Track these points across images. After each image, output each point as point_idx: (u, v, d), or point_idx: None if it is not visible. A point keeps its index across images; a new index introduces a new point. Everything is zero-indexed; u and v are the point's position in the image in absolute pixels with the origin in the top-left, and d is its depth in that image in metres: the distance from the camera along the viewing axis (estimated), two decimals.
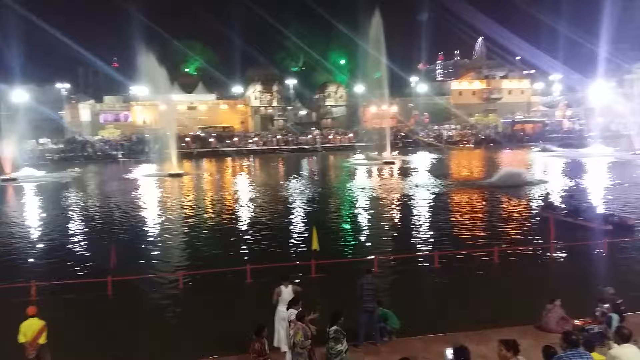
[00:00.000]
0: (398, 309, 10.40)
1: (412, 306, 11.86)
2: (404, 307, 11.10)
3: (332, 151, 68.25)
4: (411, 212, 24.66)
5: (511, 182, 30.51)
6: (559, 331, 7.89)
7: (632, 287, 12.24)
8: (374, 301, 9.90)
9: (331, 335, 7.84)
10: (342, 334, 7.81)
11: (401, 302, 11.82)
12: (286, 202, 28.49)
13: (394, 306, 10.52)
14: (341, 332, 7.85)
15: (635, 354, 6.34)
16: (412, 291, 13.53)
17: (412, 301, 12.52)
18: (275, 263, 14.74)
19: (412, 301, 12.52)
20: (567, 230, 17.98)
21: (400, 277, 14.57)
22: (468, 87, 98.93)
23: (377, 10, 50.80)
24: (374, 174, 41.88)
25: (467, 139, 73.92)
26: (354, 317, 9.53)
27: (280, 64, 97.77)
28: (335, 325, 7.90)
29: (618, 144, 54.40)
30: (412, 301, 12.52)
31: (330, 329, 7.92)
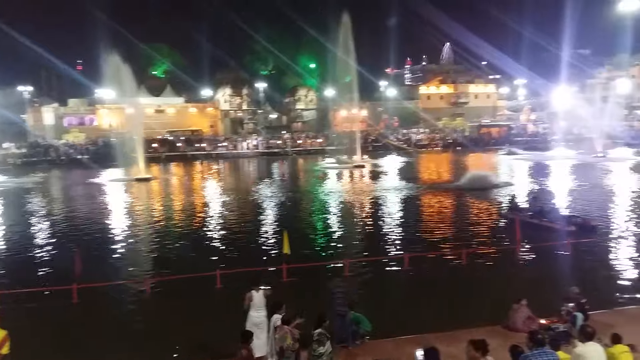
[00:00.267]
0: (369, 311, 10.43)
1: (383, 308, 11.93)
2: (375, 309, 11.16)
3: (303, 155, 68.26)
4: (381, 214, 24.84)
5: (478, 184, 31.09)
6: (526, 330, 8.06)
7: (595, 286, 12.63)
8: (345, 305, 9.95)
9: (315, 337, 7.88)
10: (326, 337, 7.88)
11: (372, 305, 11.87)
12: (256, 206, 28.32)
13: (365, 308, 10.55)
14: (325, 334, 7.91)
15: (598, 352, 6.54)
16: (382, 293, 13.60)
17: (383, 303, 12.59)
18: (246, 268, 14.59)
19: (383, 303, 12.59)
20: (533, 231, 18.39)
21: (371, 279, 14.65)
22: (436, 91, 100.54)
23: (346, 14, 51.21)
24: (345, 178, 42.06)
25: (435, 143, 75.12)
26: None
27: (250, 67, 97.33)
28: (320, 328, 7.98)
29: (580, 147, 56.12)
30: (383, 303, 12.59)
31: (314, 332, 7.99)
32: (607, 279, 13.84)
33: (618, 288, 13.21)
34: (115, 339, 10.97)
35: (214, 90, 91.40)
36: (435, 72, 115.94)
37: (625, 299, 12.29)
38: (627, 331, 8.58)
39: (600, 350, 6.61)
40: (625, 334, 7.81)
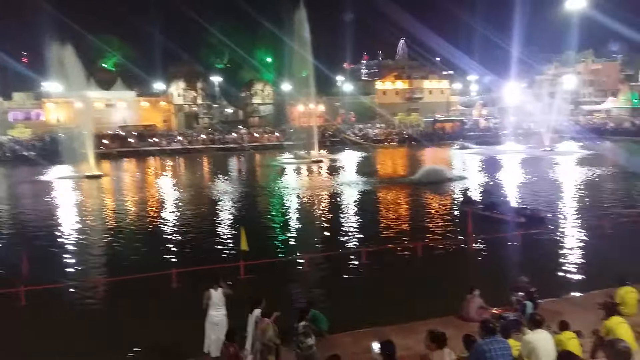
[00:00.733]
0: (327, 306, 10.49)
1: (341, 302, 11.99)
2: (333, 304, 11.22)
3: (260, 150, 67.71)
4: (339, 209, 24.99)
5: (433, 178, 31.75)
6: (479, 320, 8.28)
7: (544, 275, 13.13)
8: (302, 301, 9.99)
9: (300, 330, 8.03)
10: (310, 329, 8.04)
11: (330, 299, 11.94)
12: (213, 202, 27.90)
13: (323, 303, 10.60)
14: (310, 327, 8.09)
15: (546, 339, 6.79)
16: (341, 288, 13.69)
17: (341, 297, 12.66)
18: (203, 266, 14.38)
19: (341, 297, 12.66)
20: (485, 224, 18.95)
21: (329, 274, 14.73)
22: (392, 87, 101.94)
23: (302, 8, 51.04)
24: (303, 173, 42.04)
25: (391, 138, 76.10)
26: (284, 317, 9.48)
27: (205, 61, 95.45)
28: (304, 321, 8.16)
29: (529, 141, 58.22)
30: (341, 297, 12.66)
31: (299, 325, 8.14)
32: (554, 269, 14.42)
33: (565, 277, 13.81)
34: (67, 342, 10.56)
35: (167, 83, 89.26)
36: (391, 67, 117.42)
37: (572, 287, 12.86)
38: (574, 318, 8.98)
39: (549, 337, 6.87)
40: (572, 321, 8.17)
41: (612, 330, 7.42)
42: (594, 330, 7.96)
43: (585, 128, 69.51)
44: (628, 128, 69.16)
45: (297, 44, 52.63)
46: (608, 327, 7.58)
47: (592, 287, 12.00)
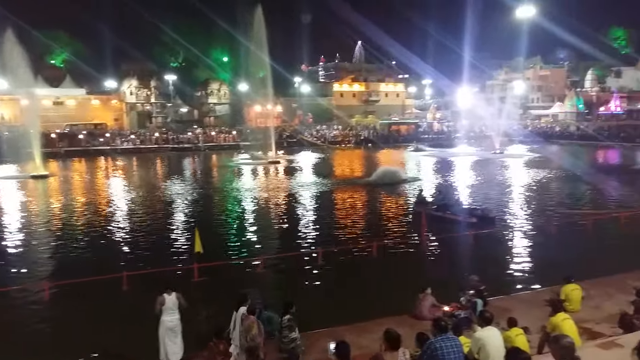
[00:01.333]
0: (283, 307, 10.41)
1: (296, 303, 11.88)
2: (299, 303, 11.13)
3: (216, 150, 66.82)
4: (296, 211, 24.93)
5: (388, 179, 32.19)
6: (431, 318, 8.41)
7: (494, 273, 13.51)
8: (259, 301, 9.88)
9: (285, 324, 8.18)
10: (295, 323, 8.23)
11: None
12: (166, 203, 27.26)
13: (279, 305, 10.50)
14: (294, 320, 8.26)
15: (495, 335, 6.95)
16: (296, 288, 13.61)
17: (297, 298, 12.55)
18: (155, 268, 14.00)
19: (297, 298, 12.55)
20: (438, 224, 19.35)
21: (285, 275, 14.64)
22: (349, 89, 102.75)
23: (259, 8, 50.69)
24: (259, 174, 41.74)
25: (348, 139, 76.74)
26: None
27: (159, 59, 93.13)
28: (288, 315, 8.27)
29: (481, 144, 59.99)
30: (297, 298, 12.55)
31: (283, 318, 8.27)
32: (504, 267, 14.87)
33: (514, 275, 14.25)
34: (12, 348, 10.02)
35: (119, 81, 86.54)
36: (348, 70, 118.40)
37: (520, 284, 13.27)
38: (522, 315, 9.27)
39: (498, 334, 7.04)
40: (520, 318, 8.43)
41: (558, 326, 7.70)
42: (542, 326, 8.24)
43: (534, 132, 72.35)
44: (573, 132, 72.41)
45: (253, 44, 52.24)
46: (554, 323, 7.85)
47: (539, 285, 12.43)
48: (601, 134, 65.16)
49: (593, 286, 11.50)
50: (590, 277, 12.05)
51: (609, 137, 63.81)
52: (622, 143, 59.11)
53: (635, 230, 18.81)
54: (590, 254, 15.57)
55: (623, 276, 12.18)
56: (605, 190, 27.95)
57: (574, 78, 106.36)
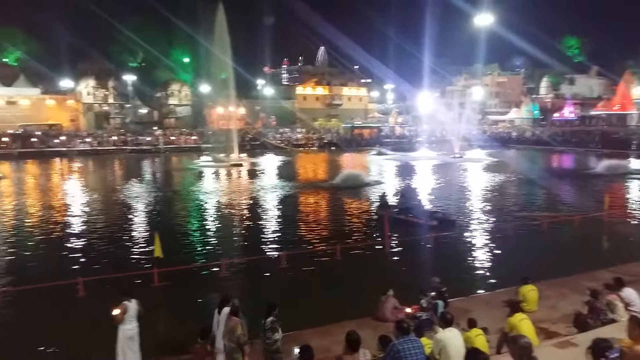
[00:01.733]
0: (247, 312, 10.27)
1: (259, 307, 11.76)
2: (252, 309, 10.98)
3: (176, 152, 65.72)
4: (259, 214, 24.72)
5: (351, 183, 32.38)
6: (394, 320, 8.47)
7: (453, 275, 13.75)
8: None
9: (268, 326, 8.20)
10: (278, 324, 8.26)
11: (250, 305, 11.68)
12: (125, 207, 26.52)
13: (243, 310, 10.36)
14: (277, 322, 8.27)
15: (456, 336, 7.06)
16: (259, 292, 13.46)
17: (260, 302, 12.43)
18: (113, 274, 13.59)
19: (260, 302, 12.43)
20: (400, 227, 19.57)
21: (248, 279, 14.48)
22: (312, 92, 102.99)
23: (221, 8, 50.15)
24: (222, 177, 41.23)
25: (311, 142, 76.88)
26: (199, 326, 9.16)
27: (117, 59, 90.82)
28: (271, 317, 8.28)
29: (441, 148, 61.14)
30: (260, 302, 12.43)
31: (266, 320, 8.26)
32: (464, 268, 15.16)
33: (473, 276, 14.55)
34: None
35: (75, 81, 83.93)
36: (311, 73, 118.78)
37: (479, 286, 13.56)
38: (481, 315, 9.46)
39: (458, 335, 7.16)
40: (480, 318, 8.59)
41: (516, 327, 7.88)
42: (501, 328, 8.42)
43: (491, 137, 74.32)
44: (529, 137, 74.72)
45: (215, 45, 51.66)
46: (512, 323, 8.04)
47: (497, 286, 12.73)
48: (555, 139, 67.51)
49: (549, 287, 11.86)
50: (546, 278, 12.44)
51: (562, 142, 66.18)
52: (575, 148, 61.46)
53: (588, 232, 19.55)
54: (546, 255, 16.08)
55: (577, 277, 12.61)
56: (559, 194, 28.97)
57: (530, 85, 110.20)
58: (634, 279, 11.77)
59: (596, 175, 36.43)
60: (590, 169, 39.43)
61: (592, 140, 64.42)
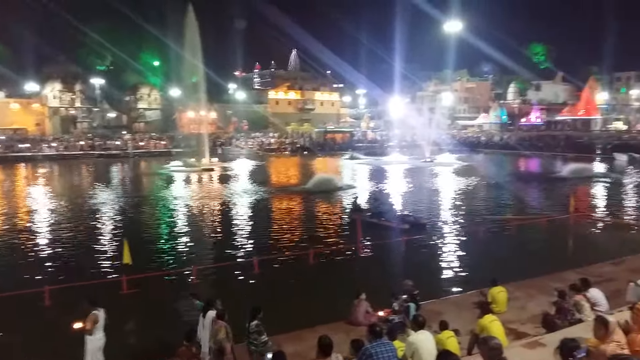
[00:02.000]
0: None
1: (231, 313, 11.63)
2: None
3: (146, 157, 64.66)
4: (231, 219, 24.49)
5: (324, 187, 32.41)
6: (366, 324, 8.48)
7: (425, 278, 13.87)
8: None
9: (253, 329, 8.32)
10: (263, 327, 8.37)
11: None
12: (92, 213, 25.87)
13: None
14: (262, 325, 8.38)
15: (428, 339, 7.11)
16: (232, 298, 13.28)
17: (232, 308, 12.29)
18: (80, 282, 13.23)
19: (232, 308, 12.29)
20: (373, 230, 19.65)
21: (220, 285, 14.28)
22: (284, 97, 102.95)
23: (191, 11, 49.66)
24: (193, 182, 40.72)
25: (284, 147, 76.74)
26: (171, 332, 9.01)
27: (85, 62, 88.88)
28: (256, 320, 8.37)
29: (412, 153, 61.86)
30: (232, 308, 12.29)
31: (252, 324, 8.36)
32: (435, 271, 15.32)
33: (445, 278, 14.72)
34: None
35: (41, 84, 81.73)
36: (284, 78, 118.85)
37: (450, 288, 13.72)
38: (452, 317, 9.56)
39: (430, 337, 7.21)
40: (451, 320, 8.68)
41: (486, 328, 7.98)
42: (472, 329, 8.52)
43: (461, 141, 75.58)
44: (497, 142, 76.30)
45: (186, 48, 51.10)
46: (482, 324, 8.14)
47: (468, 288, 12.89)
48: (522, 144, 69.12)
49: (518, 288, 12.08)
50: (515, 279, 12.66)
51: (529, 146, 67.81)
52: (542, 152, 63.02)
53: (554, 234, 20.04)
54: (514, 257, 16.39)
55: (545, 278, 12.88)
56: (527, 197, 29.63)
57: (498, 90, 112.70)
58: (600, 279, 12.12)
59: (562, 179, 37.39)
60: (556, 173, 40.43)
61: (557, 145, 66.24)
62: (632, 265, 13.64)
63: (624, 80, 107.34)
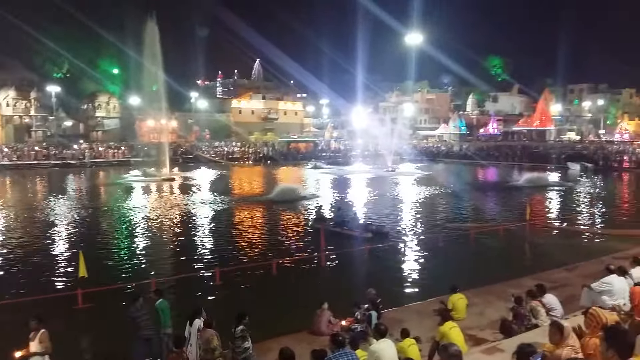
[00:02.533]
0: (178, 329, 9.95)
1: None
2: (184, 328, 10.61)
3: (104, 167, 62.98)
4: (192, 230, 24.06)
5: (287, 197, 32.30)
6: (329, 333, 8.45)
7: (387, 286, 13.97)
8: (151, 328, 9.41)
9: (238, 334, 8.34)
10: (248, 333, 8.46)
11: (181, 323, 11.28)
12: (46, 225, 24.91)
13: (174, 328, 9.99)
14: (247, 331, 8.47)
15: (390, 347, 7.14)
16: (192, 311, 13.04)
17: None
18: (32, 296, 12.69)
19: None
20: (336, 239, 19.71)
21: (180, 298, 13.95)
22: (247, 106, 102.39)
23: (152, 18, 48.89)
24: (152, 192, 39.86)
25: (247, 156, 76.20)
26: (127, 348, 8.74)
27: (40, 69, 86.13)
28: (242, 325, 8.42)
29: (375, 162, 62.51)
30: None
31: (237, 329, 8.38)
32: (397, 279, 15.45)
33: (406, 286, 14.86)
34: None
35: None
36: (247, 87, 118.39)
37: (412, 295, 13.86)
38: (414, 325, 9.65)
39: (392, 345, 7.24)
40: (412, 328, 8.76)
41: (446, 335, 8.09)
42: (433, 336, 8.61)
43: (422, 151, 76.99)
44: (457, 152, 78.05)
45: (146, 56, 50.21)
46: (442, 331, 8.25)
47: (428, 295, 13.05)
48: (479, 154, 70.95)
49: (477, 295, 12.32)
50: (474, 286, 12.92)
51: (487, 156, 69.66)
52: (499, 162, 64.81)
53: (512, 241, 20.59)
54: (473, 264, 16.74)
55: (503, 284, 13.19)
56: (485, 205, 30.37)
57: (457, 102, 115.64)
58: (555, 285, 12.50)
59: (518, 188, 38.52)
60: (512, 182, 41.60)
61: (514, 155, 68.30)
62: (586, 271, 14.12)
63: (577, 93, 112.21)
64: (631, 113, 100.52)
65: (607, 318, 5.55)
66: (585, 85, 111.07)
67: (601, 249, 17.81)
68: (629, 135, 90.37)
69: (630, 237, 19.55)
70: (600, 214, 27.98)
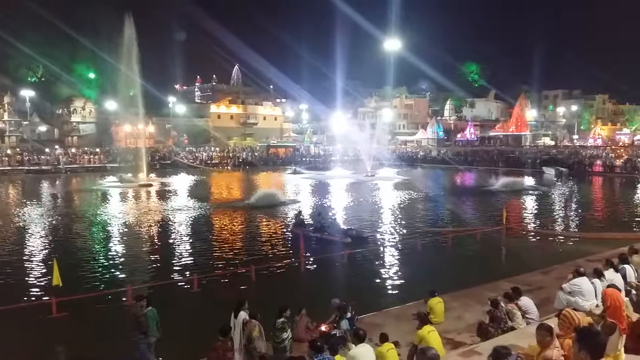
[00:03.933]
0: (163, 338, 9.90)
1: (168, 335, 11.25)
2: (165, 336, 10.49)
3: (79, 172, 61.89)
4: (170, 236, 23.77)
5: (267, 202, 32.19)
6: (308, 339, 8.44)
7: (366, 290, 14.03)
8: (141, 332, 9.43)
9: (278, 326, 8.95)
10: (288, 325, 9.11)
11: (164, 333, 11.15)
12: (19, 233, 24.37)
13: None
14: (287, 323, 9.12)
15: (369, 352, 7.16)
16: (169, 320, 12.84)
17: (169, 330, 11.89)
18: (4, 305, 12.36)
19: (169, 330, 11.89)
20: (316, 245, 19.73)
21: (156, 306, 13.73)
22: (226, 111, 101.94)
23: (129, 22, 48.33)
24: (129, 198, 39.29)
25: (226, 161, 75.73)
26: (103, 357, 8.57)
27: (14, 73, 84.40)
28: (282, 317, 9.06)
29: (354, 167, 62.75)
30: (169, 330, 11.89)
31: (278, 321, 9.00)
32: (376, 284, 15.52)
33: (385, 291, 14.93)
34: None
35: None
36: (225, 92, 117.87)
37: (390, 300, 13.91)
38: (392, 329, 9.69)
39: (371, 350, 7.26)
40: (391, 332, 8.79)
41: (424, 339, 8.14)
42: (411, 340, 8.66)
43: (400, 156, 77.60)
44: (435, 157, 78.88)
45: (123, 60, 49.60)
46: (421, 335, 8.30)
47: (407, 299, 13.13)
48: (457, 158, 71.83)
49: (454, 298, 12.43)
50: (452, 289, 13.03)
51: (464, 161, 70.56)
52: (476, 167, 65.71)
53: (488, 245, 20.86)
54: (451, 268, 16.90)
55: (480, 288, 13.33)
56: (462, 210, 30.71)
57: (435, 107, 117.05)
58: (530, 287, 12.70)
59: (494, 192, 39.06)
60: (489, 186, 42.16)
61: (490, 159, 69.31)
62: (561, 273, 14.33)
63: (552, 99, 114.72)
64: (604, 118, 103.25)
65: (579, 319, 5.67)
66: (560, 92, 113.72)
67: (576, 252, 18.16)
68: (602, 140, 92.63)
69: (603, 240, 19.99)
70: (574, 217, 28.56)
